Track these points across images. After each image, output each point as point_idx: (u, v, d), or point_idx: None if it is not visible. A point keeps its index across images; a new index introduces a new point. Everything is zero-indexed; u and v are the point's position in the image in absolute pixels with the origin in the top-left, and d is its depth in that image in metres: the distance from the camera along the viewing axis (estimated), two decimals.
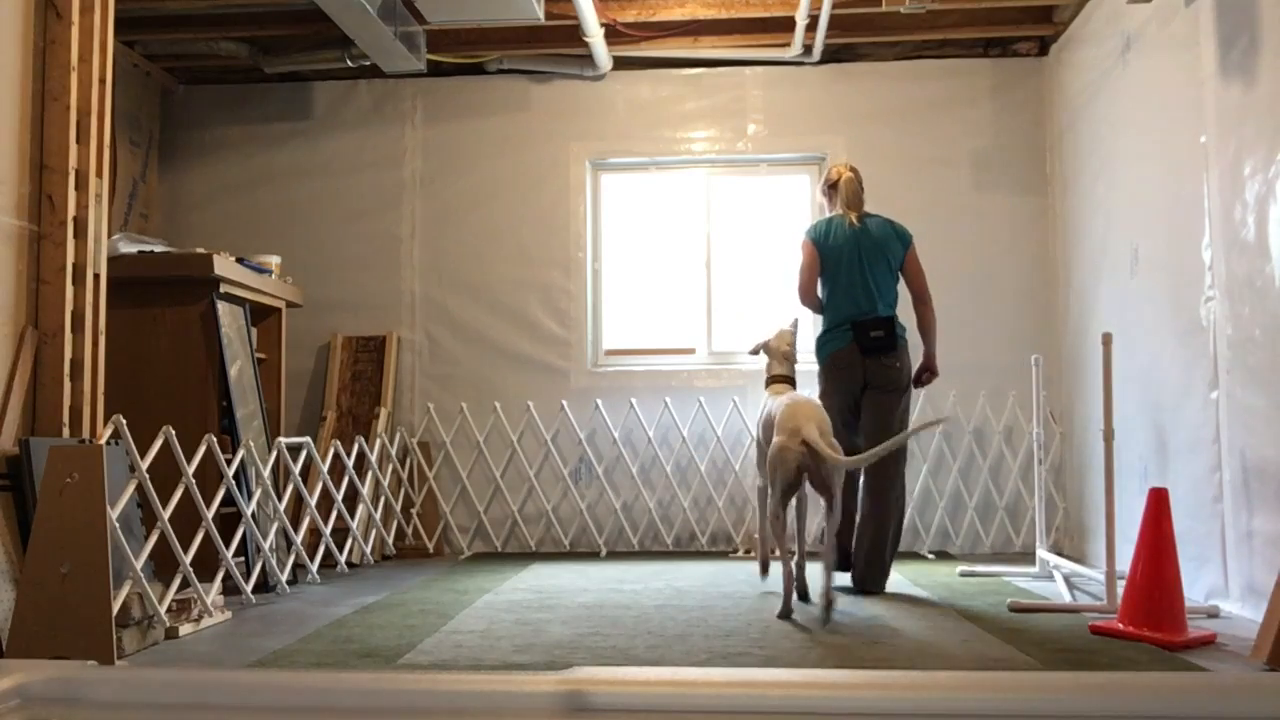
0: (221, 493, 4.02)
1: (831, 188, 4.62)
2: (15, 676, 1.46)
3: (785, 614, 3.74)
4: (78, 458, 3.12)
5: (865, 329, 4.34)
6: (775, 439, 3.79)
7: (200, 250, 4.90)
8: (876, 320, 4.35)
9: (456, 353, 6.07)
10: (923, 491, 5.76)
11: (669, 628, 3.56)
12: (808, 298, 4.51)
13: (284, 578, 4.44)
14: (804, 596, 4.06)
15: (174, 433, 3.68)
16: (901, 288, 4.55)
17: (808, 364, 4.55)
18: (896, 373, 4.37)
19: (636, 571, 4.99)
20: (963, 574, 4.78)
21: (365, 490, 5.28)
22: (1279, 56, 3.48)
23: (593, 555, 5.61)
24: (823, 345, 4.49)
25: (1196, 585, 3.93)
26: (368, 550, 5.32)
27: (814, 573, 4.06)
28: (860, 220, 4.51)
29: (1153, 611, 3.28)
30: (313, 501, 4.73)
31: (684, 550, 5.75)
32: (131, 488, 3.45)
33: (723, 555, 5.57)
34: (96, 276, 3.76)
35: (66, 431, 3.57)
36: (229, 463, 4.11)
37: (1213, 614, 3.70)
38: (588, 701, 1.39)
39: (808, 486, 3.91)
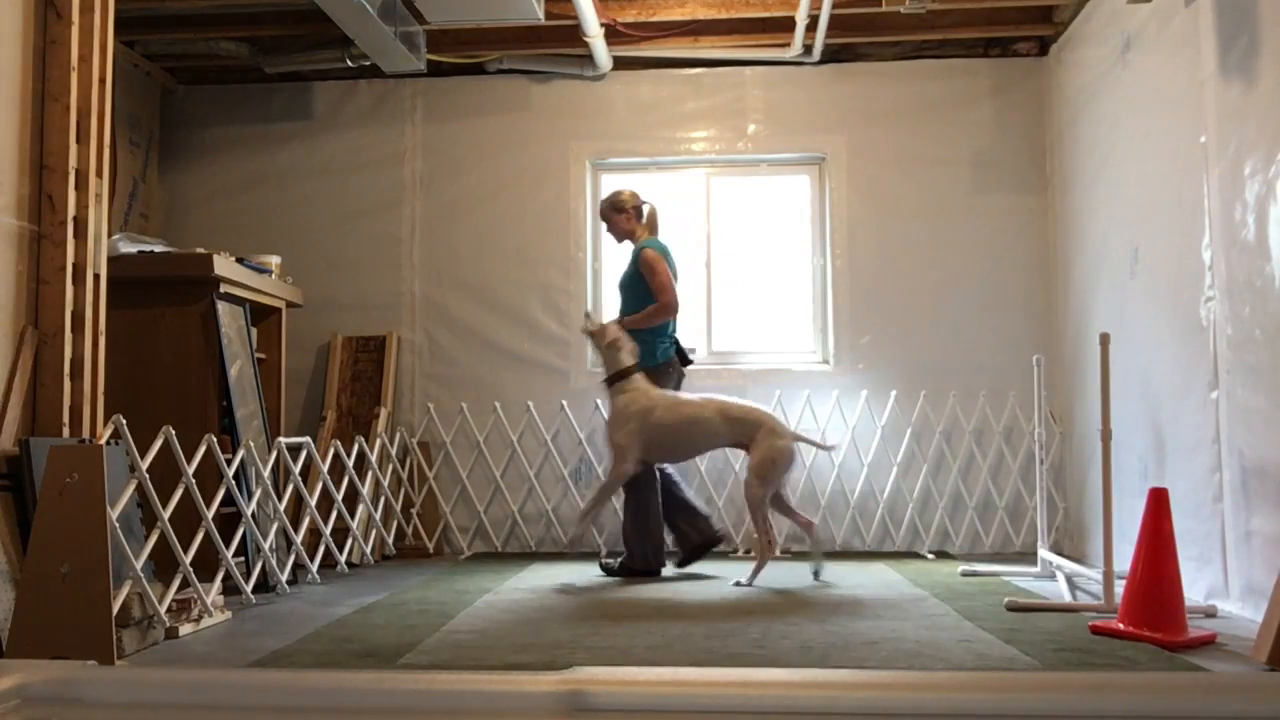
0: (221, 493, 4.02)
1: (635, 211, 5.05)
2: (15, 676, 1.46)
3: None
4: (78, 458, 3.13)
5: (679, 345, 5.01)
6: (781, 443, 4.46)
7: (200, 250, 4.90)
8: (678, 340, 5.02)
9: (456, 353, 6.07)
10: (923, 491, 5.76)
11: (669, 628, 3.56)
12: (677, 305, 4.92)
13: (284, 578, 4.44)
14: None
15: (174, 433, 3.68)
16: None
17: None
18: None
19: None
20: (964, 574, 4.78)
21: (365, 490, 5.27)
22: (1279, 56, 3.48)
23: (593, 555, 5.61)
24: (663, 349, 4.92)
25: (1196, 585, 3.93)
26: (368, 550, 5.32)
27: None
28: None
29: (1153, 611, 3.27)
30: (313, 501, 4.73)
31: (674, 552, 5.74)
32: (131, 488, 3.45)
33: (722, 555, 5.57)
34: (96, 276, 3.76)
35: (66, 431, 3.57)
36: (229, 463, 4.11)
37: (1211, 614, 3.70)
38: (588, 701, 1.39)
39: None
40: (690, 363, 5.09)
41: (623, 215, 5.04)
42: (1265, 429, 3.56)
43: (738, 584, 4.48)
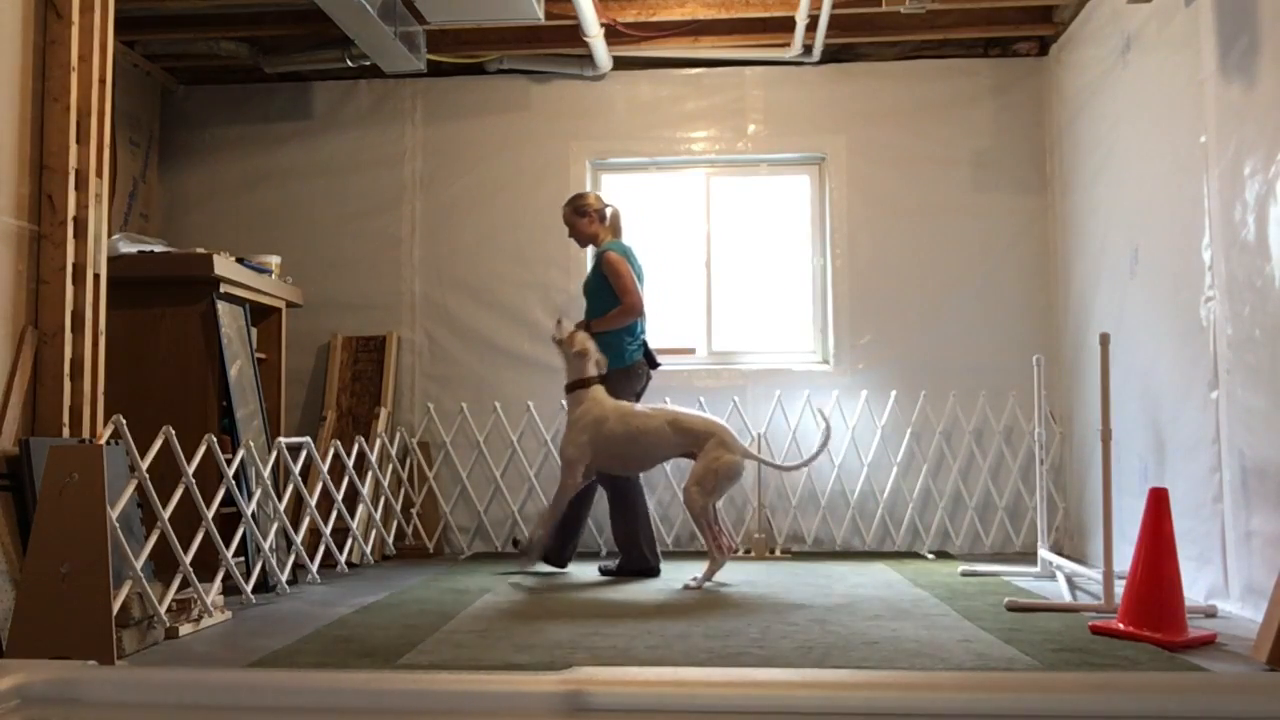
0: (221, 493, 4.02)
1: (598, 214, 5.06)
2: (15, 676, 1.46)
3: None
4: (78, 458, 3.12)
5: (647, 347, 5.02)
6: (728, 457, 4.50)
7: (200, 250, 4.90)
8: (645, 342, 5.03)
9: (456, 353, 6.07)
10: (923, 491, 5.76)
11: (669, 628, 3.56)
12: (642, 307, 4.92)
13: (284, 578, 4.44)
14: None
15: (174, 433, 3.68)
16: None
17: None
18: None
19: None
20: (964, 574, 4.78)
21: (365, 490, 5.27)
22: (1279, 56, 3.48)
23: (593, 555, 5.61)
24: (631, 352, 4.93)
25: (1196, 585, 3.93)
26: (368, 550, 5.32)
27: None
28: None
29: (1153, 611, 3.27)
30: (313, 501, 4.73)
31: (684, 550, 5.75)
32: (131, 488, 3.45)
33: None
34: (96, 276, 3.76)
35: (66, 431, 3.57)
36: (229, 463, 4.11)
37: (1211, 614, 3.70)
38: (588, 701, 1.39)
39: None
40: (657, 365, 5.09)
41: (585, 219, 5.04)
42: (1265, 429, 3.56)
43: (687, 587, 4.45)
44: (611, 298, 4.87)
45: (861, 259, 5.94)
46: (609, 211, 5.09)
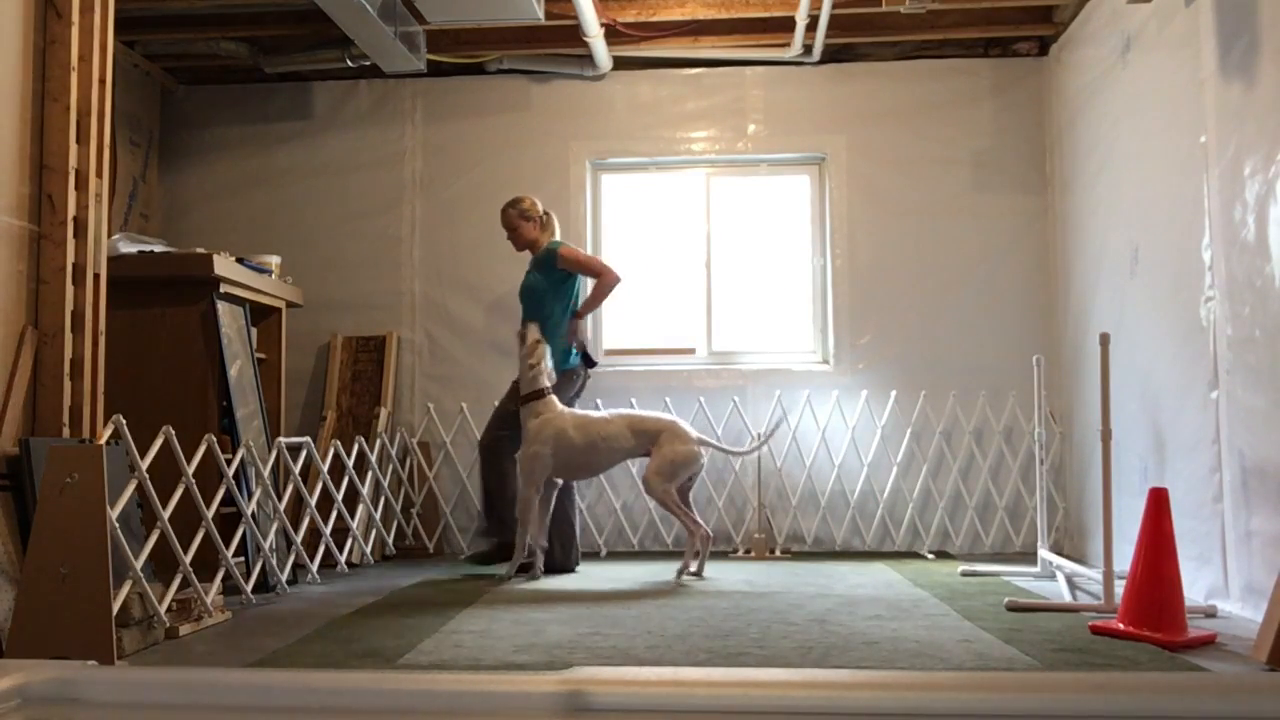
0: (221, 493, 4.02)
1: (540, 220, 5.18)
2: (15, 676, 1.46)
3: None
4: (78, 458, 3.12)
5: (584, 349, 5.13)
6: (683, 447, 4.64)
7: (200, 250, 4.90)
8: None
9: (456, 353, 6.07)
10: (923, 491, 5.76)
11: (669, 628, 3.56)
12: (617, 275, 5.06)
13: (284, 578, 4.44)
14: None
15: (174, 433, 3.68)
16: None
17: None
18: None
19: (636, 571, 4.99)
20: (964, 574, 4.78)
21: (365, 490, 5.27)
22: (1279, 56, 3.48)
23: (593, 555, 5.61)
24: (567, 356, 5.06)
25: (1196, 585, 3.93)
26: (368, 550, 5.32)
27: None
28: None
29: (1153, 611, 3.27)
30: (313, 501, 4.73)
31: (684, 550, 5.74)
32: (131, 488, 3.45)
33: (723, 555, 5.56)
34: (96, 276, 3.76)
35: (66, 431, 3.57)
36: (229, 463, 4.11)
37: (1211, 614, 3.70)
38: (588, 701, 1.39)
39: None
40: (595, 364, 5.20)
41: (530, 223, 5.14)
42: (1265, 429, 3.56)
43: (687, 580, 4.57)
44: (552, 298, 5.01)
45: (861, 259, 5.94)
46: (546, 217, 5.22)
